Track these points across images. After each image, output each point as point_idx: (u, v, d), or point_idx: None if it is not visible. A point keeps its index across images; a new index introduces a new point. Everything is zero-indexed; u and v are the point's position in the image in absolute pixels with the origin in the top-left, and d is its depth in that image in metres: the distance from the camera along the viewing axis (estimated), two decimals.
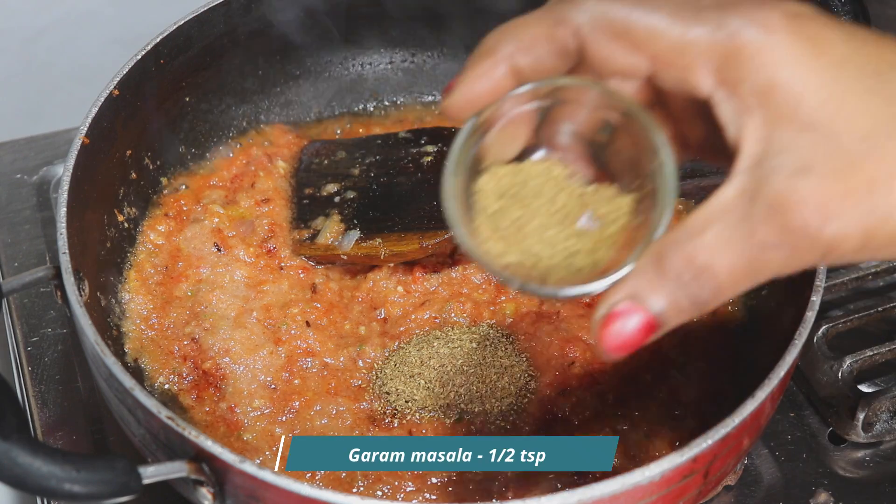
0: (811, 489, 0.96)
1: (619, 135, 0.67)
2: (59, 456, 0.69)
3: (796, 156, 0.58)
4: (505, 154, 0.68)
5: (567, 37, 0.63)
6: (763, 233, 0.58)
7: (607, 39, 0.62)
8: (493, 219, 0.68)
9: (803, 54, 0.58)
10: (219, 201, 1.06)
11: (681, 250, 0.60)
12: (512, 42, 0.64)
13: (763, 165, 0.59)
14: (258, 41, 1.10)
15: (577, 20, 0.63)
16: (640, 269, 0.61)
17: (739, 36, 0.59)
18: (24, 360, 1.04)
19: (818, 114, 0.58)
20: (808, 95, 0.58)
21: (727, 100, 0.60)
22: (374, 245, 1.01)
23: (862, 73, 0.58)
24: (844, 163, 0.57)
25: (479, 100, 0.65)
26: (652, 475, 0.72)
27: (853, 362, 1.00)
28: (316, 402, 0.94)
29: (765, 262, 0.59)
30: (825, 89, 0.58)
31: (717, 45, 0.60)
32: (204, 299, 1.00)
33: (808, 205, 0.57)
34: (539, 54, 0.64)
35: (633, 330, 0.61)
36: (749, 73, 0.59)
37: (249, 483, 0.73)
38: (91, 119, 0.94)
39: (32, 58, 1.38)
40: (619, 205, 0.67)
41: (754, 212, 0.58)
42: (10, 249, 1.13)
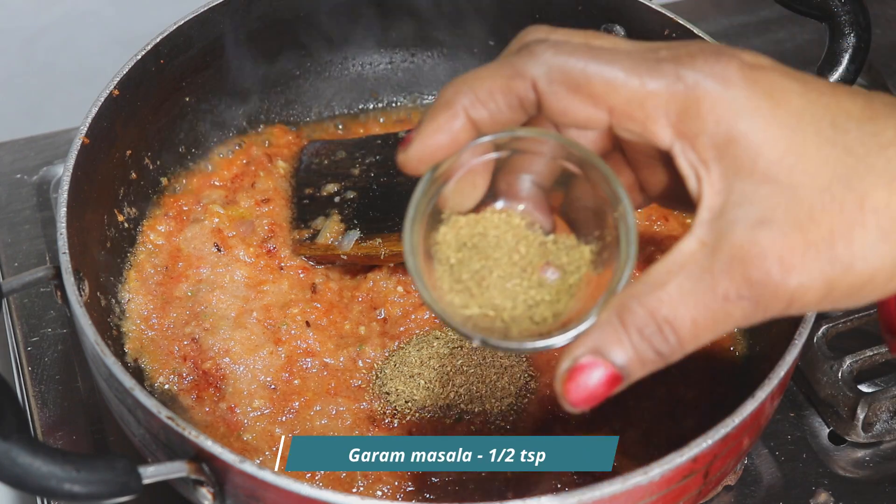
0: (811, 489, 0.96)
1: (578, 185, 0.68)
2: (59, 456, 0.69)
3: (756, 208, 0.58)
4: (464, 204, 0.68)
5: (524, 89, 0.63)
6: (725, 285, 0.59)
7: (564, 92, 0.62)
8: (453, 270, 0.68)
9: (761, 106, 0.59)
10: (219, 201, 1.06)
11: (643, 304, 0.60)
12: (469, 95, 0.64)
13: (723, 217, 0.59)
14: (258, 41, 1.10)
15: (534, 73, 0.62)
16: (603, 322, 0.61)
17: (697, 89, 0.59)
18: (24, 360, 1.04)
19: (777, 166, 0.58)
20: (767, 148, 0.58)
21: (686, 152, 0.61)
22: (374, 245, 1.01)
23: (819, 124, 0.59)
24: (804, 214, 0.58)
25: (438, 153, 0.65)
26: (652, 475, 0.73)
27: (853, 362, 1.00)
28: (316, 403, 0.94)
29: (727, 314, 0.59)
30: (783, 141, 0.58)
31: (674, 98, 0.60)
32: (204, 299, 1.00)
33: (769, 257, 0.58)
34: (496, 107, 0.64)
35: (597, 383, 0.61)
36: (707, 125, 0.59)
37: (249, 483, 0.73)
38: (91, 119, 0.94)
39: (32, 58, 1.38)
40: (580, 254, 0.68)
41: (716, 264, 0.59)
42: (10, 249, 1.13)
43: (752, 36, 1.33)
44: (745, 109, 0.59)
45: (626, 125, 0.62)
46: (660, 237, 1.05)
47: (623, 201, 0.64)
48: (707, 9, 1.38)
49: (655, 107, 0.60)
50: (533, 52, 0.63)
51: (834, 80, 0.98)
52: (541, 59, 0.62)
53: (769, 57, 0.62)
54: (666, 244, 1.04)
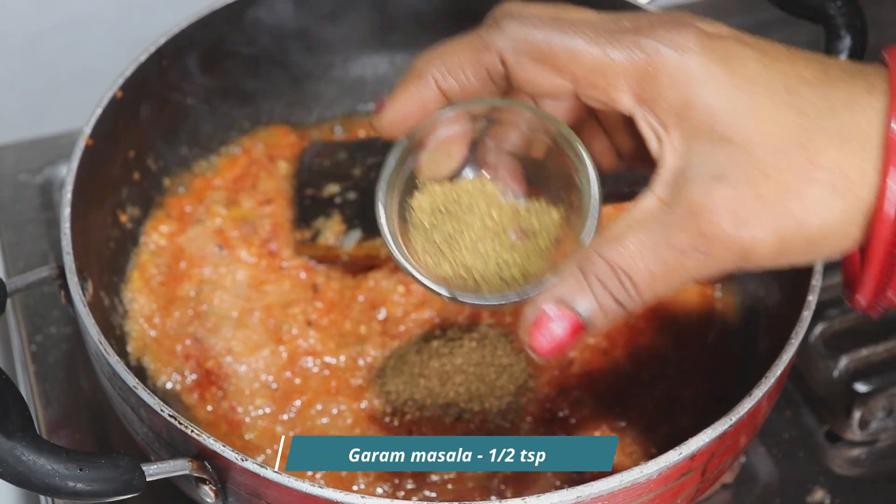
0: (808, 487, 0.97)
1: (550, 153, 0.70)
2: (63, 454, 0.69)
3: (712, 167, 0.61)
4: (439, 172, 0.71)
5: (492, 62, 0.66)
6: (679, 238, 0.61)
7: (530, 63, 0.65)
8: (426, 234, 0.70)
9: (716, 72, 0.61)
10: (221, 202, 1.07)
11: (603, 255, 0.62)
12: (439, 66, 0.68)
13: (681, 176, 0.62)
14: (260, 43, 1.10)
15: (500, 45, 0.66)
16: (566, 275, 0.64)
17: (655, 57, 0.62)
18: (29, 359, 1.04)
19: (732, 128, 0.61)
20: (722, 111, 0.61)
21: (647, 116, 0.63)
22: (375, 245, 1.01)
23: (774, 88, 0.61)
24: (757, 171, 0.60)
25: (409, 119, 0.69)
26: (650, 473, 0.73)
27: (849, 361, 1.00)
28: (317, 402, 0.95)
29: (682, 266, 0.62)
30: (739, 105, 0.61)
31: (634, 66, 0.63)
32: (206, 299, 1.00)
33: (721, 210, 0.60)
34: (466, 79, 0.67)
35: (562, 332, 0.64)
36: (666, 92, 0.62)
37: (251, 481, 0.73)
38: (95, 120, 0.94)
39: (36, 60, 1.38)
40: (550, 218, 0.70)
41: (671, 219, 0.61)
42: (14, 249, 1.13)
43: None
44: (701, 75, 0.61)
45: (589, 92, 0.65)
46: None
47: (586, 163, 0.67)
48: (703, 12, 1.35)
49: (616, 74, 0.63)
50: (500, 25, 0.66)
51: None
52: (507, 31, 0.66)
53: (728, 26, 0.65)
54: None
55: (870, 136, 0.60)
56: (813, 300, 0.84)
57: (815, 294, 0.84)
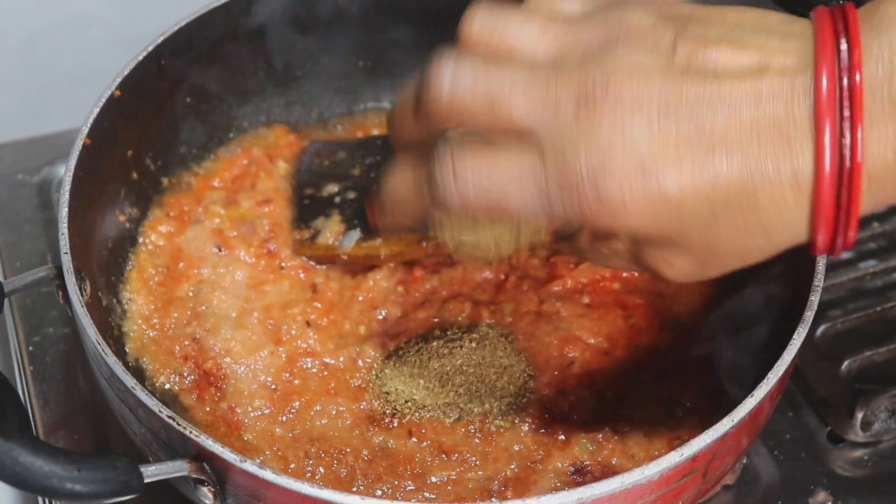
0: (810, 488, 0.96)
1: None
2: (60, 455, 0.69)
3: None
4: None
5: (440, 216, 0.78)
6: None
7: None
8: None
9: None
10: (219, 202, 1.06)
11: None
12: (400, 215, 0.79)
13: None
14: (259, 42, 1.10)
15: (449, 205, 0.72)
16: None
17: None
18: (26, 360, 1.04)
19: None
20: None
21: None
22: (374, 245, 1.01)
23: None
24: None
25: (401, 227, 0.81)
26: (651, 474, 0.73)
27: (851, 362, 1.00)
28: (316, 403, 0.95)
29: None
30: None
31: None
32: (205, 300, 1.00)
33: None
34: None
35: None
36: None
37: (250, 482, 0.73)
38: (93, 120, 0.94)
39: (34, 59, 1.38)
40: None
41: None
42: (11, 249, 1.13)
43: None
44: None
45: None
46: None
47: None
48: None
49: None
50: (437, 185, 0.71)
51: None
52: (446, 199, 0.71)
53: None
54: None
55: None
56: (815, 300, 0.84)
57: (818, 294, 0.84)
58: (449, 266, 1.03)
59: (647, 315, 0.99)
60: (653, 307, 1.00)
